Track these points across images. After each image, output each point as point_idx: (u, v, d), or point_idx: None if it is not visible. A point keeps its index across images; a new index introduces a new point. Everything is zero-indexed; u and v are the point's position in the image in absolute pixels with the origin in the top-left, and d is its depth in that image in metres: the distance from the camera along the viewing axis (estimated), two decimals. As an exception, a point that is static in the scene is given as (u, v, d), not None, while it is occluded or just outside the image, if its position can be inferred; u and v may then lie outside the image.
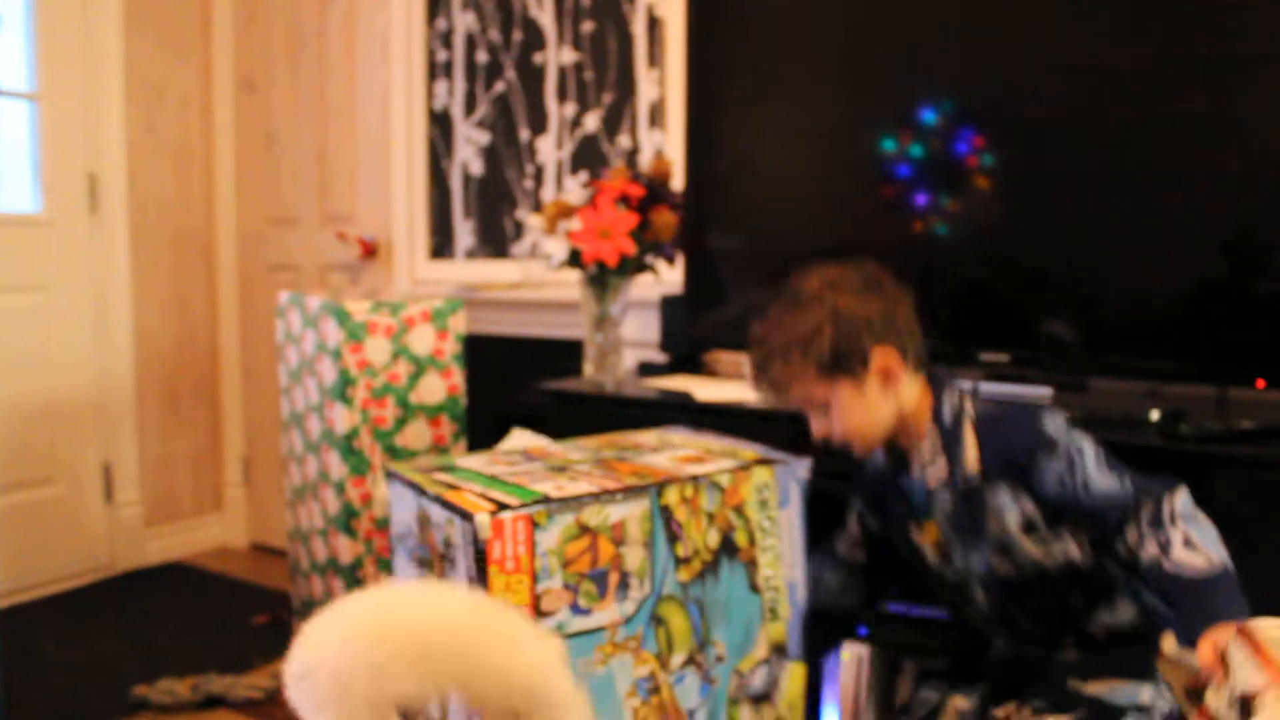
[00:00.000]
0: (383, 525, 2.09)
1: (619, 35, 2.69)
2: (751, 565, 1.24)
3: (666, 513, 1.16)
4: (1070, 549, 1.31)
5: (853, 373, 1.30)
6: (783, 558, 1.27)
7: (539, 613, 1.07)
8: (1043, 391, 1.85)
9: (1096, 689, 1.32)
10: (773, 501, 1.26)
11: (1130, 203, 1.76)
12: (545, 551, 1.06)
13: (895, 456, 1.41)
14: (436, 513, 1.12)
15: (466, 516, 1.05)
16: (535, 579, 1.06)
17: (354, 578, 2.07)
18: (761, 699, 1.28)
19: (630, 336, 2.43)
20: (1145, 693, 1.30)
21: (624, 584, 1.13)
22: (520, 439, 1.59)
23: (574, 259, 2.17)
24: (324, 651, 0.82)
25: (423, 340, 2.13)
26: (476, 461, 1.29)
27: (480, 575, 1.04)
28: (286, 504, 2.40)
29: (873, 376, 1.31)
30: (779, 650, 1.28)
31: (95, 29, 3.14)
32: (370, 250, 3.20)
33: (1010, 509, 1.30)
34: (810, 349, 1.30)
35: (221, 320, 3.61)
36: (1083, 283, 1.83)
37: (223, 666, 2.51)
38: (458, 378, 2.20)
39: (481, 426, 2.36)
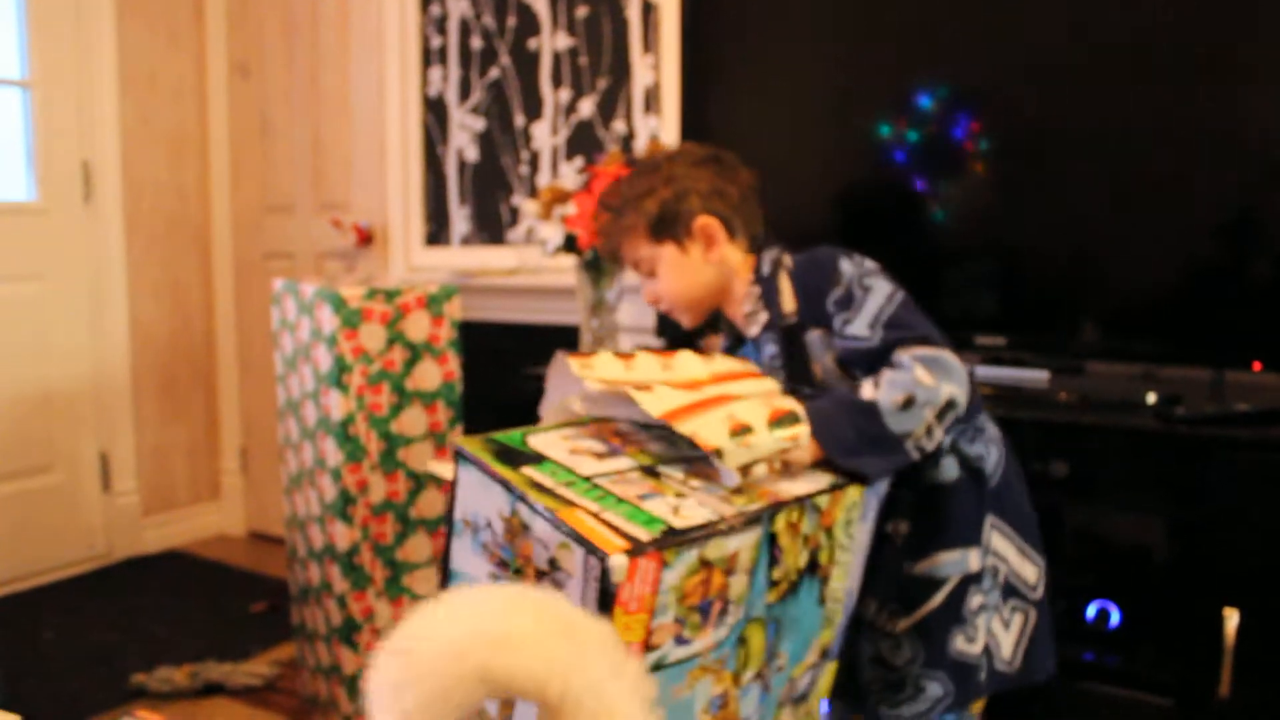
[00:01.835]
0: (379, 511, 2.09)
1: (613, 20, 2.68)
2: (824, 581, 1.20)
3: (773, 539, 1.10)
4: None
5: (676, 236, 1.38)
6: (850, 570, 1.24)
7: (648, 648, 1.00)
8: (1039, 375, 1.85)
9: (924, 567, 1.32)
10: (856, 519, 1.22)
11: (1126, 187, 1.76)
12: (668, 589, 1.00)
13: (732, 332, 1.46)
14: (543, 528, 1.02)
15: (595, 552, 0.96)
16: (653, 616, 1.00)
17: (351, 564, 2.07)
18: (800, 700, 1.25)
19: (626, 322, 2.43)
20: (973, 559, 1.31)
21: (724, 611, 1.07)
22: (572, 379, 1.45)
23: (569, 244, 2.17)
24: (433, 640, 0.80)
25: (418, 327, 2.13)
26: (553, 445, 1.18)
27: (602, 612, 0.96)
28: (283, 491, 2.40)
29: (695, 242, 1.38)
30: (825, 653, 1.25)
31: (88, 15, 3.12)
32: (366, 237, 3.19)
33: (825, 352, 1.32)
34: (641, 209, 1.38)
35: (217, 308, 3.60)
36: (1079, 266, 1.83)
37: (221, 654, 2.51)
38: (453, 364, 2.20)
39: (478, 412, 2.36)
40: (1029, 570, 1.36)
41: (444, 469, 1.47)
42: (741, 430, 1.11)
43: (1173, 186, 1.73)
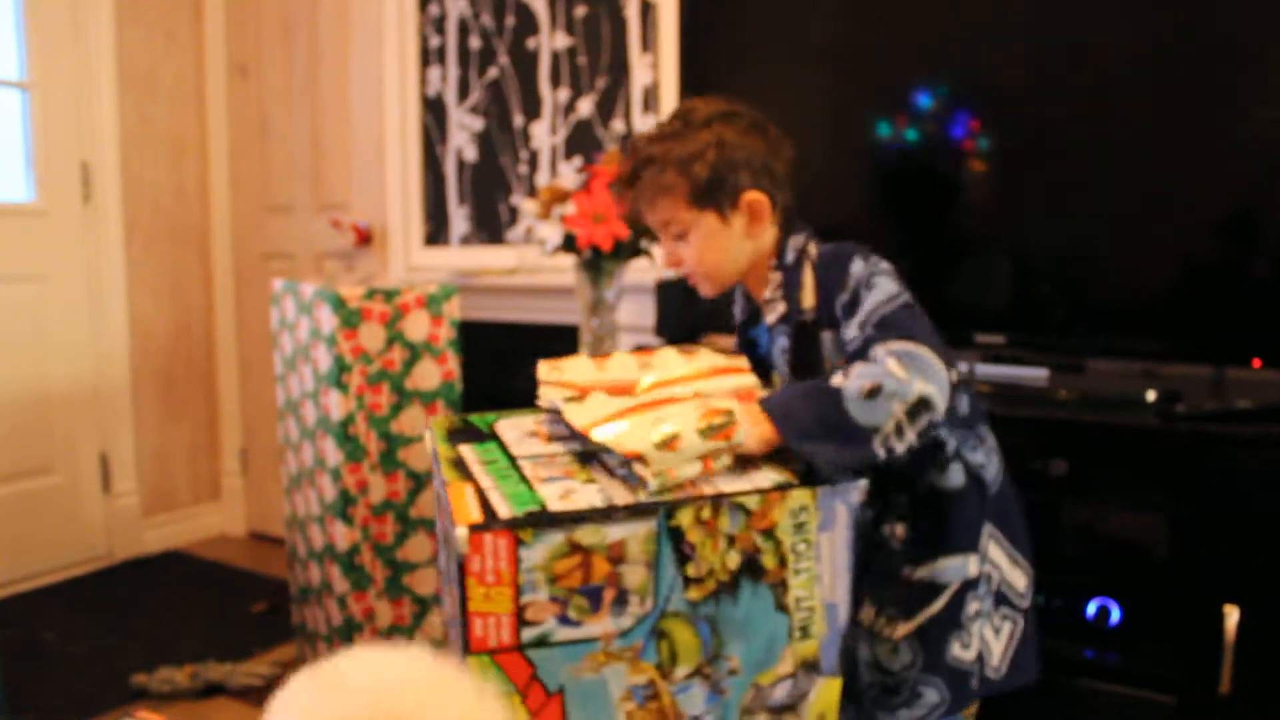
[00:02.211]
0: (380, 511, 2.09)
1: (612, 19, 2.68)
2: (780, 587, 1.17)
3: (677, 534, 1.10)
4: None
5: (720, 206, 1.30)
6: (820, 580, 1.20)
7: (524, 622, 1.05)
8: (1039, 373, 1.85)
9: (925, 572, 1.30)
10: (812, 525, 1.18)
11: (1126, 184, 1.76)
12: (530, 568, 1.04)
13: (750, 307, 1.42)
14: (442, 497, 1.10)
15: (452, 521, 1.03)
16: (519, 591, 1.04)
17: (351, 564, 2.07)
18: (784, 710, 1.24)
19: (626, 321, 2.43)
20: (972, 565, 1.30)
21: (621, 600, 1.09)
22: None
23: (569, 244, 2.17)
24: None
25: (418, 326, 2.13)
26: (517, 426, 1.25)
27: (460, 583, 1.02)
28: (284, 492, 2.40)
29: (739, 215, 1.31)
30: (809, 666, 1.23)
31: (86, 16, 3.12)
32: (365, 237, 3.19)
33: (838, 355, 1.28)
34: (689, 171, 1.29)
35: (216, 309, 3.60)
36: (1079, 264, 1.83)
37: (221, 654, 2.51)
38: (453, 364, 2.20)
39: (477, 412, 2.35)
40: (1019, 579, 1.36)
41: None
42: (668, 437, 1.10)
43: (1173, 183, 1.73)
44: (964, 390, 1.31)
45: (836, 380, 1.14)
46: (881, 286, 1.24)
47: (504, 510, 1.04)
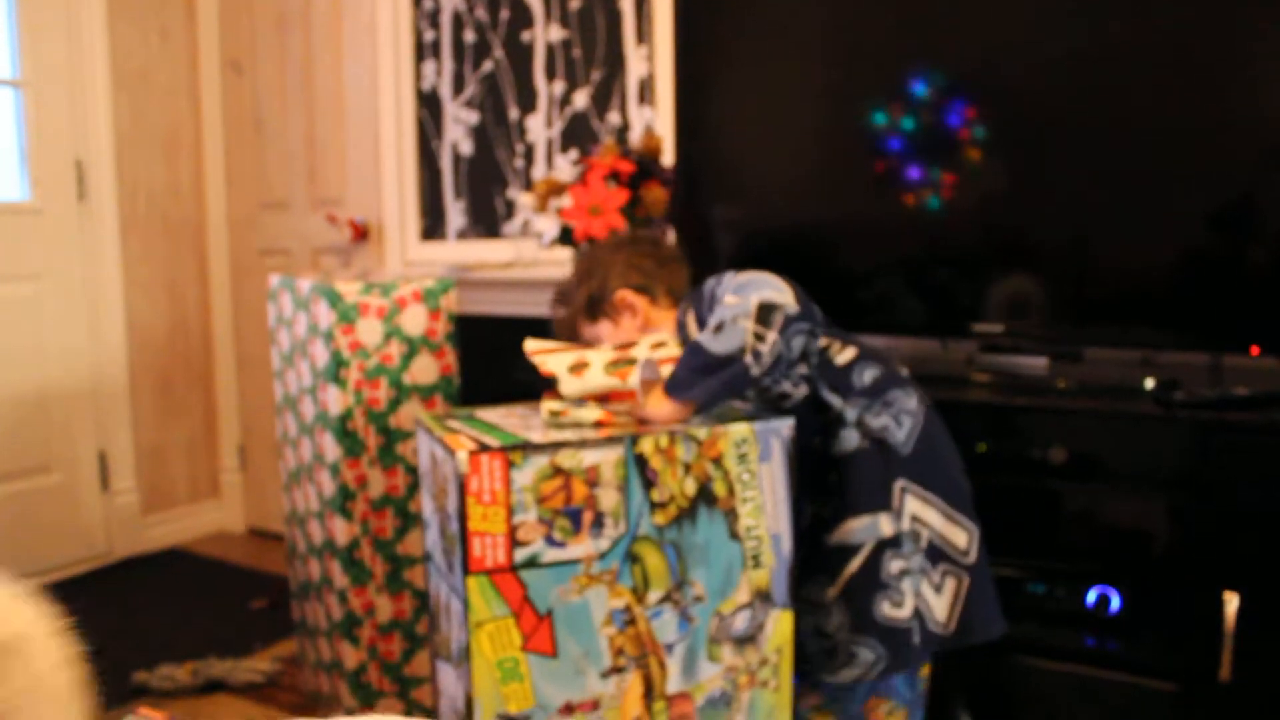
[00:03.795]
0: (379, 506, 2.09)
1: (607, 11, 2.67)
2: (731, 515, 1.33)
3: (641, 460, 1.27)
4: (784, 387, 1.45)
5: (606, 314, 1.61)
6: (765, 510, 1.35)
7: (516, 542, 1.22)
8: (1038, 361, 1.85)
9: (837, 536, 1.41)
10: (753, 456, 1.33)
11: (1123, 172, 1.76)
12: (520, 488, 1.21)
13: None
14: (439, 453, 1.29)
15: (452, 454, 1.20)
16: (511, 511, 1.21)
17: (351, 559, 2.07)
18: (745, 641, 1.37)
19: (623, 314, 2.42)
20: (884, 524, 1.39)
21: (599, 522, 1.25)
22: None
23: (565, 237, 2.16)
24: None
25: (415, 321, 2.12)
26: (495, 413, 1.46)
27: (461, 505, 1.19)
28: (283, 487, 2.40)
29: (621, 314, 1.60)
30: (763, 597, 1.37)
31: (79, 13, 3.11)
32: (361, 233, 3.19)
33: None
34: (574, 301, 1.63)
35: (213, 305, 3.60)
36: (1076, 252, 1.83)
37: (222, 651, 2.51)
38: (451, 358, 2.19)
39: (476, 406, 2.35)
40: (958, 535, 1.42)
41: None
42: (578, 365, 1.36)
43: (1170, 172, 1.73)
44: (866, 363, 1.45)
45: (698, 336, 1.35)
46: (729, 276, 1.43)
47: (493, 443, 1.23)
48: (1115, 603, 1.66)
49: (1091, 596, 1.68)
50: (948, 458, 1.47)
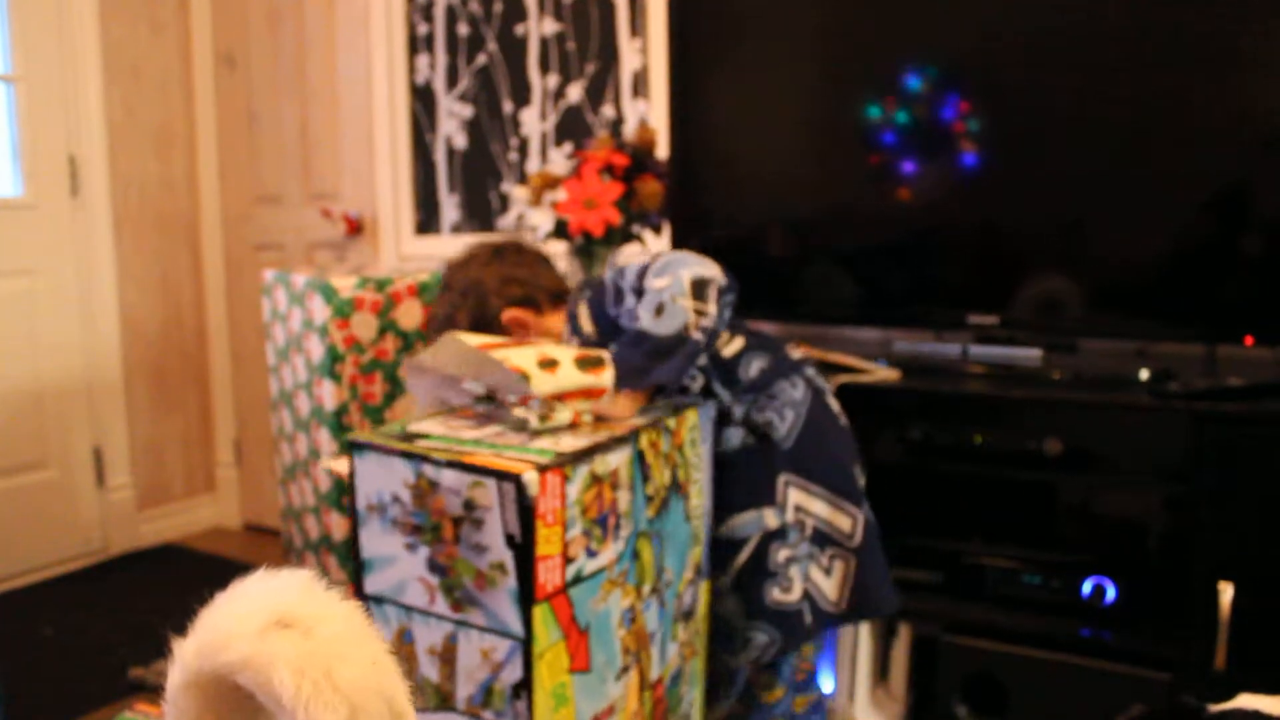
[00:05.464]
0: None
1: (600, 4, 2.66)
2: (685, 498, 1.34)
3: (641, 457, 1.25)
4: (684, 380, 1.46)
5: (494, 333, 1.54)
6: (703, 488, 1.38)
7: (567, 559, 1.13)
8: (1032, 353, 1.85)
9: (724, 530, 1.45)
10: (698, 439, 1.36)
11: (1117, 163, 1.76)
12: (573, 502, 1.13)
13: None
14: (452, 478, 1.12)
15: (508, 477, 1.07)
16: (565, 528, 1.12)
17: (347, 554, 2.07)
18: (689, 615, 1.39)
19: (619, 308, 2.42)
20: (769, 517, 1.43)
21: (618, 525, 1.21)
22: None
23: (560, 230, 2.16)
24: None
25: (410, 315, 2.12)
26: (432, 427, 1.28)
27: (526, 531, 1.07)
28: (278, 483, 2.40)
29: (513, 329, 1.55)
30: (699, 570, 1.39)
31: (70, 7, 3.10)
32: (355, 227, 3.18)
33: None
34: (455, 325, 1.56)
35: (208, 300, 3.59)
36: (1070, 244, 1.83)
37: (219, 646, 2.50)
38: (446, 352, 2.19)
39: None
40: (843, 521, 1.46)
41: (339, 464, 1.57)
42: (548, 362, 1.28)
43: (1163, 162, 1.73)
44: (754, 353, 1.47)
45: (636, 324, 1.34)
46: (631, 266, 1.43)
47: (538, 459, 1.11)
48: (1110, 593, 1.67)
49: (1087, 587, 1.68)
50: (834, 445, 1.49)
